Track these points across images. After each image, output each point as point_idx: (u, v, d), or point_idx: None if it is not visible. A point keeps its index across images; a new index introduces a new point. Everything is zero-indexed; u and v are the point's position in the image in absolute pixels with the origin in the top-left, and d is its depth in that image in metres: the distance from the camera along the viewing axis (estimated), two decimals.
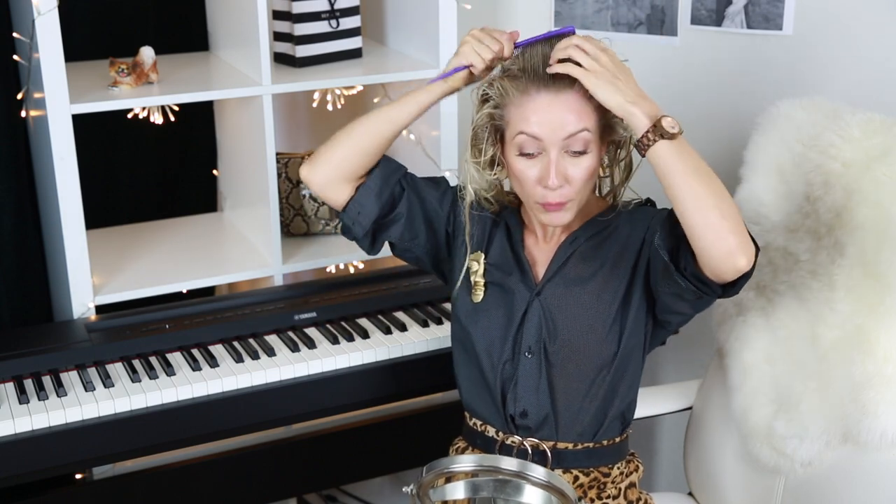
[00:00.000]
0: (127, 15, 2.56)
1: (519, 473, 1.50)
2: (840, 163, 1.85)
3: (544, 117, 1.64)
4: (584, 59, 1.60)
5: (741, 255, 1.55)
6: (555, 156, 1.65)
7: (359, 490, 2.85)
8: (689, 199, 1.55)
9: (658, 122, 1.56)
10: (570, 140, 1.65)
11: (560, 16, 2.56)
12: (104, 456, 1.99)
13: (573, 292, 1.77)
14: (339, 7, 2.46)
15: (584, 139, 1.65)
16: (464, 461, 1.52)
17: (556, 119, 1.64)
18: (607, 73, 1.59)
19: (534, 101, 1.65)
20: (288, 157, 2.57)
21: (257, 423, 2.12)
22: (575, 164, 1.67)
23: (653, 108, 1.59)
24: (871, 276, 1.79)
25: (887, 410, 1.76)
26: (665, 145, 1.56)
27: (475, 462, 1.51)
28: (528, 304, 1.79)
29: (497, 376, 1.80)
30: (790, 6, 2.31)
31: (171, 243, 2.52)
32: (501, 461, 1.52)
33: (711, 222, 1.54)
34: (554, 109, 1.64)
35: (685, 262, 1.61)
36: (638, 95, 1.59)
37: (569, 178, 1.67)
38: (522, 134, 1.66)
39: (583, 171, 1.67)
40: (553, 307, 1.77)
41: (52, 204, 2.22)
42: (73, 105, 2.09)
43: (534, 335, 1.78)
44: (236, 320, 2.20)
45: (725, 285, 1.61)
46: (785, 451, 1.89)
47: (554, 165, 1.65)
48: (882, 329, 1.77)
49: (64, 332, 2.15)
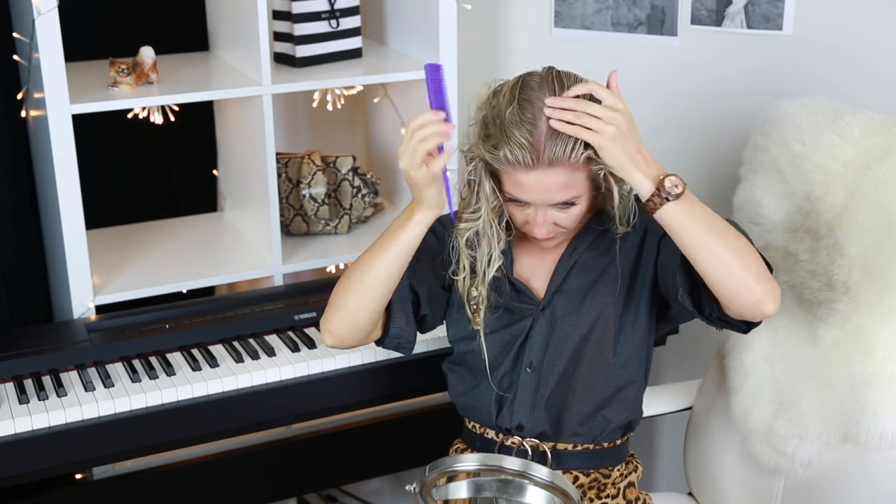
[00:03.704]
0: (127, 15, 2.56)
1: (522, 473, 1.51)
2: (840, 163, 1.85)
3: (533, 191, 1.62)
4: (597, 123, 1.53)
5: (769, 302, 1.53)
6: (542, 215, 1.66)
7: (359, 490, 2.85)
8: (706, 256, 1.52)
9: (661, 183, 1.52)
10: (559, 202, 1.64)
11: (560, 16, 2.56)
12: (104, 456, 1.99)
13: (577, 305, 1.77)
14: (339, 7, 2.46)
15: (572, 195, 1.64)
16: (467, 460, 1.53)
17: (545, 192, 1.62)
18: (619, 137, 1.53)
19: (524, 177, 1.61)
20: (288, 157, 2.57)
21: (257, 423, 2.11)
22: (564, 212, 1.67)
23: (657, 169, 1.54)
24: (870, 276, 1.79)
25: (887, 410, 1.76)
26: (672, 206, 1.52)
27: (478, 461, 1.52)
28: (534, 320, 1.78)
29: (493, 391, 1.80)
30: (790, 6, 2.31)
31: (171, 243, 2.52)
32: (504, 461, 1.52)
33: (733, 275, 1.52)
34: (542, 185, 1.61)
35: (709, 308, 1.61)
36: (643, 158, 1.54)
37: (557, 223, 1.68)
38: (510, 194, 1.65)
39: (572, 217, 1.68)
40: (558, 320, 1.77)
41: (52, 204, 2.22)
42: (73, 105, 2.09)
43: (538, 350, 1.78)
44: (236, 320, 2.19)
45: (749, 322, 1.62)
46: (785, 451, 1.89)
47: (541, 221, 1.66)
48: (882, 329, 1.77)
49: (64, 332, 2.15)
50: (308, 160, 2.56)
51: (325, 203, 2.55)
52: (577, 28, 2.55)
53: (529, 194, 1.63)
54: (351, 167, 2.58)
